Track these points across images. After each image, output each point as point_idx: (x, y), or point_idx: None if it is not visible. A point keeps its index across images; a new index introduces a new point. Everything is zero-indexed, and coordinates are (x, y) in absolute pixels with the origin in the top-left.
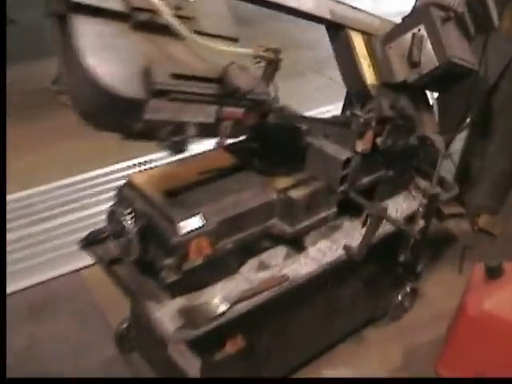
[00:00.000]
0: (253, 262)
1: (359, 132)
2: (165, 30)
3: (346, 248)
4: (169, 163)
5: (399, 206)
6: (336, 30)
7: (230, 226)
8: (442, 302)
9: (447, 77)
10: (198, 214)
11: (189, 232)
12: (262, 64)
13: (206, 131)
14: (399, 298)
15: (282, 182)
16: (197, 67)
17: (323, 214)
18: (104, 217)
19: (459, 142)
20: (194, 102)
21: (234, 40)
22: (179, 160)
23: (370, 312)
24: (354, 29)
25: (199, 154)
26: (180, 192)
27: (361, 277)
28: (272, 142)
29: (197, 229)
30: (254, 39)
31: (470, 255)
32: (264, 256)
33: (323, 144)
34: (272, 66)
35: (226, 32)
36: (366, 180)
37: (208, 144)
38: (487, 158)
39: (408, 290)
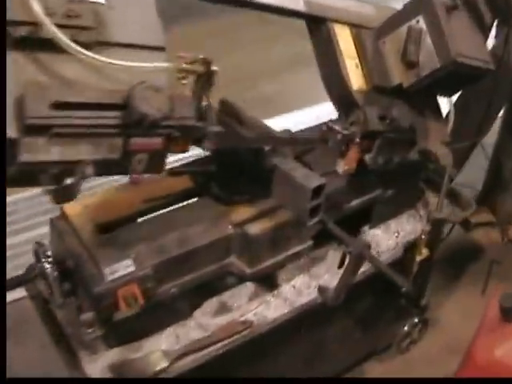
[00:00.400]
0: (210, 304)
1: (339, 150)
2: (54, 47)
3: (321, 290)
4: (109, 189)
5: (401, 229)
6: (316, 24)
7: (174, 267)
8: (458, 330)
9: (455, 79)
10: (129, 256)
11: (116, 279)
12: (191, 79)
13: (110, 169)
14: (406, 328)
15: (242, 213)
16: (93, 91)
17: (294, 250)
18: None
19: (493, 136)
20: (90, 136)
21: (158, 49)
22: (122, 185)
23: (369, 347)
24: (338, 21)
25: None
26: (117, 226)
27: (352, 314)
28: (232, 163)
29: (126, 275)
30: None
31: (497, 272)
32: (226, 296)
33: (291, 167)
34: (202, 81)
35: (148, 41)
36: (355, 203)
37: None
38: None
39: (416, 320)
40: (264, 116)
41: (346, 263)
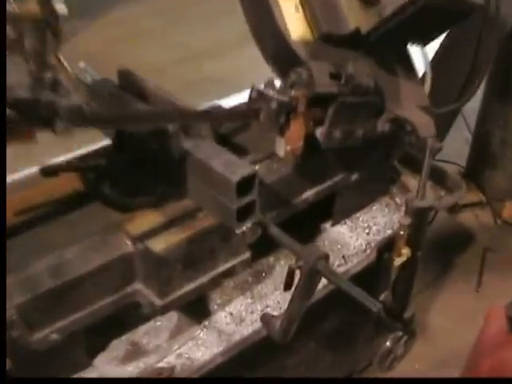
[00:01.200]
0: (118, 346)
1: (277, 125)
2: None
3: (265, 320)
4: None
5: (373, 224)
6: None
7: (50, 306)
8: (450, 338)
9: (429, 19)
10: None
11: None
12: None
13: None
14: (388, 344)
15: (144, 222)
16: None
17: (224, 267)
18: None
19: (475, 100)
20: None
21: None
22: None
23: (345, 369)
24: None
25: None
26: None
27: (320, 333)
28: (130, 152)
29: None
30: None
31: (492, 262)
32: (139, 333)
33: (209, 153)
34: (41, 30)
35: None
36: (308, 195)
37: None
38: (511, 126)
39: (400, 333)
40: (212, 99)
41: (295, 283)
